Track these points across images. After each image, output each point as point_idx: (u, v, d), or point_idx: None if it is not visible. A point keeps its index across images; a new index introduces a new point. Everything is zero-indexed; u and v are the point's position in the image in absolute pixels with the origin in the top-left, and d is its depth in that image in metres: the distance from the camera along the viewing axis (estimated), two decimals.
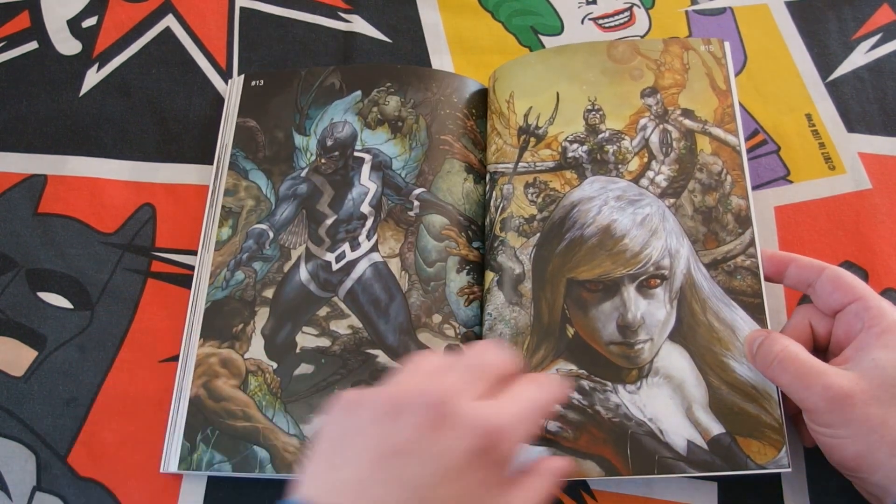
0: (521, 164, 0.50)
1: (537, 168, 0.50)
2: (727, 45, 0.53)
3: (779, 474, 0.44)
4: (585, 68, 0.53)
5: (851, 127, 0.55)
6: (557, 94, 0.52)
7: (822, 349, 0.44)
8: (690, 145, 0.50)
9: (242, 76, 0.57)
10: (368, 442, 0.32)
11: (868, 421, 0.36)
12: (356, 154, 0.53)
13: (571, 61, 0.53)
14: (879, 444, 0.36)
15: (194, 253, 0.51)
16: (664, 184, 0.49)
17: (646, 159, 0.50)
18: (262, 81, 0.56)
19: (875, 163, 0.54)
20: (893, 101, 0.56)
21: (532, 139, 0.51)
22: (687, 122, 0.51)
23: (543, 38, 0.60)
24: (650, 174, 0.49)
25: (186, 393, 0.46)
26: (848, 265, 0.50)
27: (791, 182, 0.54)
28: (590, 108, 0.51)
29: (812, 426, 0.39)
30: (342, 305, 0.48)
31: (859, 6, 0.60)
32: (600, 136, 0.51)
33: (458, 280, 0.48)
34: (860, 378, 0.37)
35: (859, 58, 0.58)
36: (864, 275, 0.50)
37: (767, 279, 0.45)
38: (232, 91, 0.56)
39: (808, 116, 0.56)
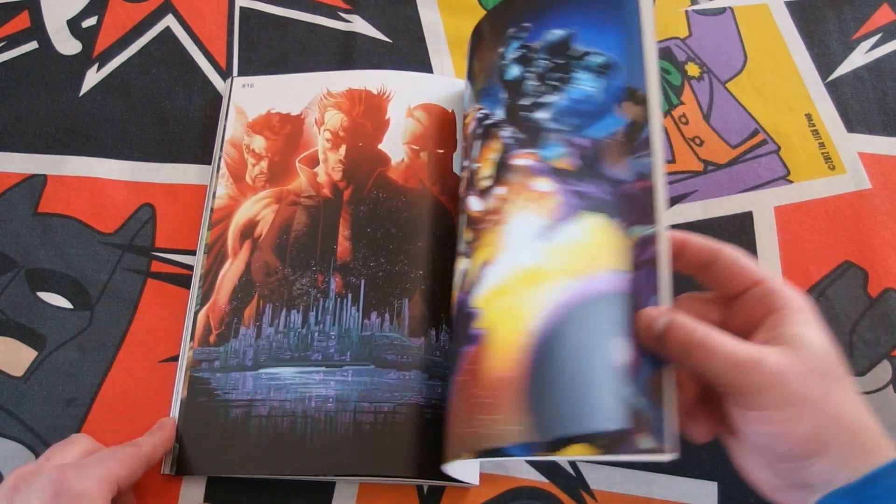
0: None
1: None
2: None
3: None
4: None
5: (851, 127, 0.55)
6: None
7: None
8: None
9: (240, 77, 0.57)
10: None
11: (810, 397, 0.33)
12: None
13: None
14: (826, 422, 0.33)
15: (194, 253, 0.51)
16: None
17: None
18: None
19: (875, 163, 0.54)
20: (893, 101, 0.56)
21: None
22: None
23: None
24: None
25: (182, 394, 0.46)
26: (848, 265, 0.50)
27: (791, 182, 0.54)
28: None
29: (746, 415, 0.35)
30: None
31: (859, 6, 0.60)
32: None
33: None
34: (789, 353, 0.34)
35: (859, 58, 0.58)
36: (864, 275, 0.50)
37: None
38: (230, 91, 0.56)
39: (808, 116, 0.56)
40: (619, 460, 0.36)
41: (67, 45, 0.60)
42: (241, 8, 0.62)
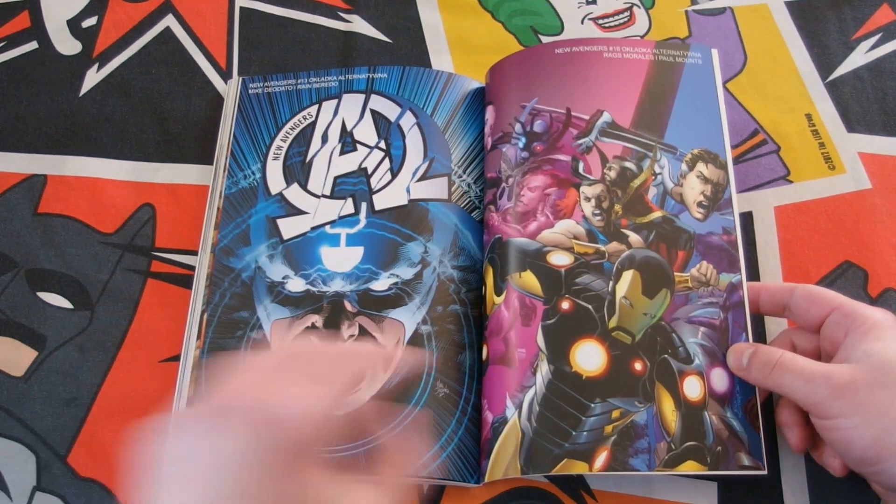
0: None
1: None
2: None
3: (779, 475, 0.44)
4: None
5: (851, 127, 0.55)
6: None
7: None
8: None
9: (241, 78, 0.57)
10: None
11: (877, 404, 0.36)
12: None
13: None
14: (892, 427, 0.36)
15: (194, 253, 0.51)
16: None
17: None
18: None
19: (875, 163, 0.54)
20: (893, 101, 0.56)
21: None
22: None
23: (543, 39, 0.60)
24: None
25: (186, 394, 0.46)
26: (848, 265, 0.50)
27: (791, 182, 0.54)
28: None
29: (823, 424, 0.38)
30: None
31: (859, 6, 0.60)
32: None
33: None
34: (857, 366, 0.38)
35: (859, 58, 0.58)
36: (864, 275, 0.50)
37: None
38: (230, 92, 0.56)
39: (808, 116, 0.56)
40: (723, 476, 0.41)
41: (67, 45, 0.60)
42: (241, 8, 0.62)
